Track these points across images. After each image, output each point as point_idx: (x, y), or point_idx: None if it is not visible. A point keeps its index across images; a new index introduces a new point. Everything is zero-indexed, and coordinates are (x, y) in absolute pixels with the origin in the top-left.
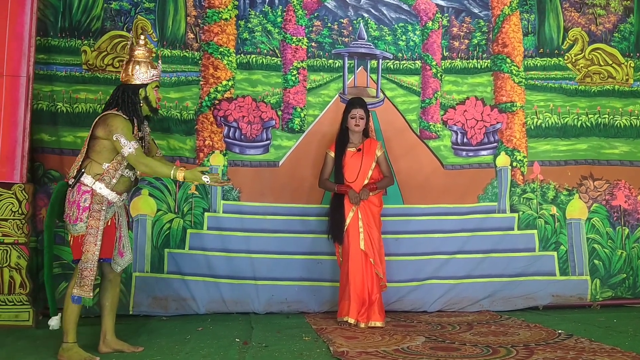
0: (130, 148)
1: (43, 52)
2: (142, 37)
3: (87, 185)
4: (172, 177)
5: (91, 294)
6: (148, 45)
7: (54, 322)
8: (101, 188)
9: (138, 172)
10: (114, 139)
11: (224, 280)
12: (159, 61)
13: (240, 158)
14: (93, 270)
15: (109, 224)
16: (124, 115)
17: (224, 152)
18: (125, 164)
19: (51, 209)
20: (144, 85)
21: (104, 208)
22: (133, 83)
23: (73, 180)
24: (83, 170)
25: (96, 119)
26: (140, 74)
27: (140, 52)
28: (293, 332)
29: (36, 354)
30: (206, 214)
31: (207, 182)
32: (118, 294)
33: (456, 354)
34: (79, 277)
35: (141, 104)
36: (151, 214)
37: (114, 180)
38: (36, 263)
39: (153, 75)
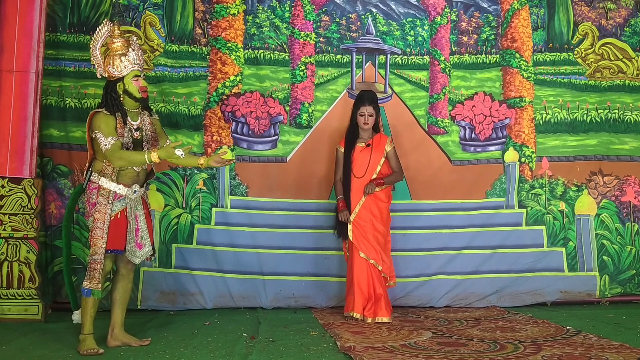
0: (106, 144)
1: (52, 48)
2: (116, 27)
3: (94, 182)
4: (147, 161)
5: (99, 286)
6: (119, 32)
7: (76, 316)
8: (107, 182)
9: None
10: (93, 136)
11: (231, 275)
12: (130, 49)
13: (248, 153)
14: (100, 263)
15: (118, 216)
16: (105, 112)
17: (232, 147)
18: None
19: (68, 211)
20: (121, 79)
21: (110, 201)
22: (112, 79)
23: (85, 181)
24: (91, 169)
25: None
26: (114, 69)
27: (116, 45)
28: (300, 327)
29: (45, 348)
30: (214, 209)
31: (182, 155)
32: (130, 289)
33: (463, 350)
34: (88, 269)
35: (122, 98)
36: (159, 209)
37: (114, 174)
38: (45, 257)
39: (126, 67)
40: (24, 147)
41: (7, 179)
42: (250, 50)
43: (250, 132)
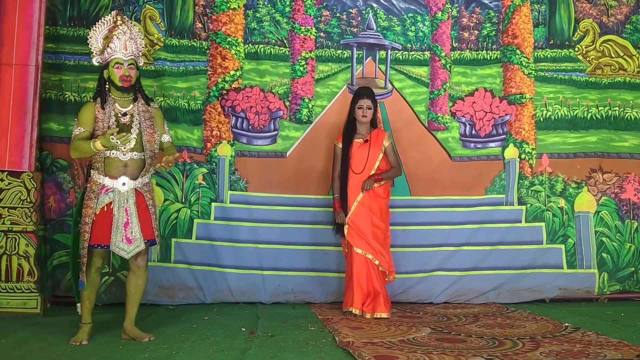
0: (72, 133)
1: (52, 41)
2: (119, 17)
3: (90, 177)
4: (93, 149)
5: (85, 279)
6: (121, 21)
7: (79, 308)
8: (96, 175)
9: (148, 154)
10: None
11: (230, 270)
12: (116, 37)
13: (248, 148)
14: (85, 257)
15: (105, 210)
16: (90, 100)
17: (232, 142)
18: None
19: (77, 208)
20: (106, 66)
21: (97, 195)
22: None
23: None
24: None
25: None
26: (101, 56)
27: (112, 33)
28: (299, 322)
29: (44, 342)
30: (213, 204)
31: (117, 143)
32: (139, 285)
33: (462, 346)
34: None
35: (106, 85)
36: (158, 203)
37: (100, 165)
38: (44, 251)
39: (109, 54)
40: (23, 140)
41: (7, 172)
42: (250, 45)
43: (250, 127)
